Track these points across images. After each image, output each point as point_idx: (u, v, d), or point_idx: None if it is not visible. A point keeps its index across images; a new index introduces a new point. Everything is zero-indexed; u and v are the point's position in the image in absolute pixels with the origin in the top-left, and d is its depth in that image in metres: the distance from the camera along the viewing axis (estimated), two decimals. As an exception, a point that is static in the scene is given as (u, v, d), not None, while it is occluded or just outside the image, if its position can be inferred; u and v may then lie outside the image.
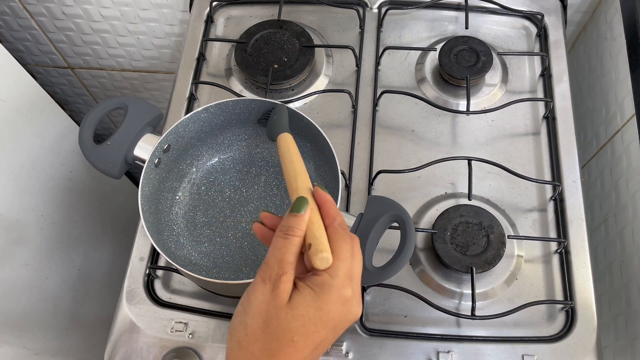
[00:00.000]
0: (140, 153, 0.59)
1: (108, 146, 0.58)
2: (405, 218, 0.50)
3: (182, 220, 0.64)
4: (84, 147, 0.58)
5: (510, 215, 0.66)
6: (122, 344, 0.61)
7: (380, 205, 0.52)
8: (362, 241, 0.51)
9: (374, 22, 0.80)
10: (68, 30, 1.04)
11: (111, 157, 0.58)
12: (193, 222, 0.64)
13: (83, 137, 0.58)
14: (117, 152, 0.58)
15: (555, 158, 0.69)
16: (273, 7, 0.81)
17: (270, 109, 0.61)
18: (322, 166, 0.64)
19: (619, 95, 0.75)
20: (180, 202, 0.65)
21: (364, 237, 0.51)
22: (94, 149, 0.58)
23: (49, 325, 1.01)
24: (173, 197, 0.65)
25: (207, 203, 0.65)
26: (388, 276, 0.49)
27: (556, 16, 0.78)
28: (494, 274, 0.63)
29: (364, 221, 0.52)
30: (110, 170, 0.58)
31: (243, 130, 0.66)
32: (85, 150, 0.58)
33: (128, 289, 0.63)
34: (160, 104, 1.25)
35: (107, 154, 0.58)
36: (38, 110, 0.95)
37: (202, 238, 0.63)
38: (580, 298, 0.61)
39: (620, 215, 0.72)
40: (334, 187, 0.57)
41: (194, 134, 0.62)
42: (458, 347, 0.59)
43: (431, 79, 0.75)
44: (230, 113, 0.62)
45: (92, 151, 0.58)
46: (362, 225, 0.52)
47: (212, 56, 0.79)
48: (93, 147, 0.58)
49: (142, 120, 0.59)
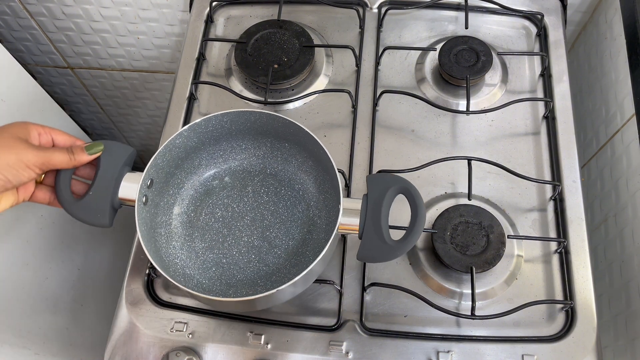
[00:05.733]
0: (125, 194, 0.56)
1: (91, 197, 0.55)
2: (410, 188, 0.52)
3: (181, 252, 0.62)
4: (66, 205, 0.55)
5: (510, 215, 0.66)
6: (122, 343, 0.61)
7: (381, 182, 0.53)
8: (375, 220, 0.52)
9: (374, 22, 0.80)
10: (68, 30, 1.04)
11: (97, 207, 0.55)
12: (193, 250, 0.62)
13: (62, 196, 0.55)
14: (101, 201, 0.55)
15: (555, 158, 0.69)
16: (273, 7, 0.81)
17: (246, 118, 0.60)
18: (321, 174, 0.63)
19: (619, 95, 0.75)
20: (175, 234, 0.63)
21: (376, 216, 0.52)
22: (76, 204, 0.55)
23: (49, 325, 1.01)
24: (167, 231, 0.62)
25: (201, 228, 0.63)
26: (408, 247, 0.51)
27: (556, 16, 0.78)
28: (493, 273, 0.63)
29: (370, 201, 0.52)
30: (100, 221, 0.55)
31: (217, 147, 0.64)
32: (68, 207, 0.55)
33: (128, 289, 0.63)
34: (161, 104, 1.25)
35: (92, 206, 0.55)
36: (38, 110, 0.95)
37: (208, 264, 0.61)
38: (580, 298, 0.61)
39: (620, 215, 0.72)
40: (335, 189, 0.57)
41: (172, 162, 0.60)
42: (458, 347, 0.59)
43: (431, 79, 0.75)
44: (202, 133, 0.60)
45: (75, 206, 0.55)
46: (370, 205, 0.52)
47: (212, 56, 0.79)
48: (75, 202, 0.55)
49: (117, 161, 0.57)
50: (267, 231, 0.63)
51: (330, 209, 0.62)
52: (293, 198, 0.64)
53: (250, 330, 0.60)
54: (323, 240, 0.60)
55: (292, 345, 0.59)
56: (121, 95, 1.24)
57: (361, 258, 0.53)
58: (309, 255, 0.61)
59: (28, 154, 0.50)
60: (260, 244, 0.62)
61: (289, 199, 0.64)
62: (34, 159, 0.51)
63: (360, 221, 0.53)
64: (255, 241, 0.62)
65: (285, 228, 0.63)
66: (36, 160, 0.51)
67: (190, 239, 0.63)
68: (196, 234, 0.63)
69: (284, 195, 0.65)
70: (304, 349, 0.59)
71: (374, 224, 0.52)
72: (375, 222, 0.52)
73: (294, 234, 0.62)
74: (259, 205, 0.64)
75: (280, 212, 0.64)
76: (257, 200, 0.65)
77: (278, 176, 0.66)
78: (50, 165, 0.53)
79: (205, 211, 0.64)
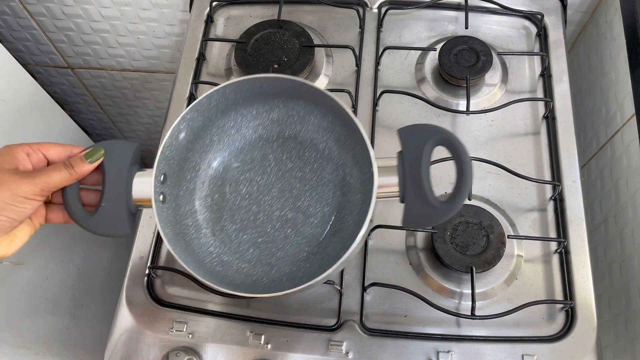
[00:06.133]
0: (140, 196, 0.51)
1: (104, 208, 0.50)
2: (451, 139, 0.46)
3: (213, 238, 0.57)
4: (80, 222, 0.50)
5: (510, 215, 0.66)
6: (122, 343, 0.61)
7: (417, 134, 0.47)
8: (415, 179, 0.47)
9: (374, 22, 0.80)
10: (68, 30, 1.04)
11: (113, 218, 0.50)
12: (226, 234, 0.58)
13: (74, 213, 0.50)
14: (117, 210, 0.50)
15: (555, 158, 0.69)
16: (273, 7, 0.81)
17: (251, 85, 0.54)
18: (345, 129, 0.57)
19: (619, 95, 0.75)
20: (203, 221, 0.58)
21: (416, 175, 0.46)
22: (91, 219, 0.50)
23: (49, 325, 1.01)
24: (194, 220, 0.58)
25: (229, 209, 0.59)
26: (456, 208, 0.46)
27: (556, 16, 0.78)
28: (493, 273, 0.63)
29: (407, 159, 0.46)
30: (120, 231, 0.50)
31: (226, 119, 0.58)
32: (83, 224, 0.50)
33: (128, 288, 0.63)
34: (161, 104, 1.25)
35: (108, 217, 0.50)
36: (38, 110, 0.95)
37: (243, 245, 0.57)
38: (580, 298, 0.61)
39: (620, 215, 0.72)
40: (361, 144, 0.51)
41: (181, 148, 0.55)
42: (458, 347, 0.59)
43: (431, 79, 0.75)
44: (206, 110, 0.55)
45: (90, 221, 0.50)
46: (407, 163, 0.46)
47: (212, 56, 0.79)
48: (89, 216, 0.50)
49: (123, 162, 0.51)
50: (298, 201, 0.58)
51: (361, 165, 0.56)
52: (319, 159, 0.59)
53: (250, 330, 0.60)
54: (360, 202, 0.55)
55: (292, 345, 0.59)
56: (121, 95, 1.24)
57: (407, 224, 0.48)
58: (348, 219, 0.56)
59: (22, 186, 0.45)
60: (294, 216, 0.58)
61: (315, 161, 0.59)
62: (30, 188, 0.46)
63: (399, 182, 0.48)
64: (288, 213, 0.58)
65: (317, 194, 0.58)
66: (33, 189, 0.46)
67: (219, 222, 0.58)
68: (225, 216, 0.58)
69: (308, 158, 0.59)
70: (304, 349, 0.59)
71: (414, 184, 0.47)
72: (416, 182, 0.47)
73: (327, 199, 0.58)
74: (284, 173, 0.59)
75: (308, 177, 0.58)
76: (281, 169, 0.59)
77: (298, 138, 0.60)
78: (51, 188, 0.47)
79: (229, 190, 0.59)
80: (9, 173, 0.46)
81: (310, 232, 0.57)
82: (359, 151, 0.55)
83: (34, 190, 0.46)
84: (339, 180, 0.58)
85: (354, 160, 0.57)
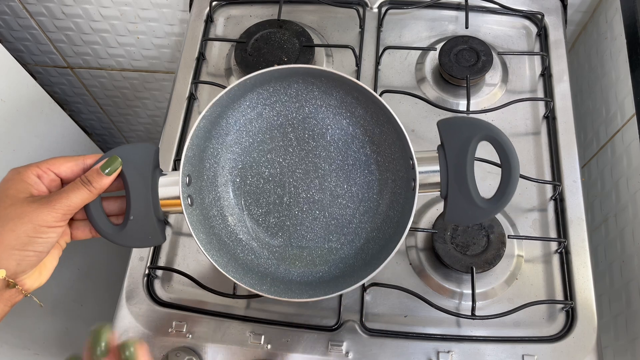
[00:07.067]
0: (168, 202, 0.48)
1: (133, 221, 0.47)
2: (498, 136, 0.44)
3: (241, 225, 0.55)
4: (110, 237, 0.48)
5: (510, 215, 0.66)
6: (122, 344, 0.61)
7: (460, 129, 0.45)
8: (460, 176, 0.45)
9: (374, 21, 0.79)
10: (68, 30, 1.04)
11: (144, 229, 0.48)
12: (254, 219, 0.56)
13: (101, 229, 0.48)
14: (146, 221, 0.47)
15: (556, 158, 0.69)
16: (273, 6, 0.81)
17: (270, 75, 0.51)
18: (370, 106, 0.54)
19: (619, 95, 0.75)
20: (228, 209, 0.56)
21: (461, 172, 0.44)
22: (121, 233, 0.48)
23: (49, 325, 1.01)
24: (219, 209, 0.55)
25: (253, 193, 0.56)
26: (502, 206, 0.44)
27: (556, 16, 0.78)
28: (494, 273, 0.62)
29: (450, 154, 0.44)
30: (153, 241, 0.48)
31: (242, 100, 0.54)
32: (113, 238, 0.48)
33: (128, 288, 0.63)
34: (160, 104, 1.25)
35: (138, 229, 0.48)
36: (38, 110, 0.95)
37: (272, 229, 0.55)
38: (581, 298, 0.61)
39: (621, 215, 0.72)
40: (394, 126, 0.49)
41: (200, 142, 0.52)
42: (458, 347, 0.59)
43: (431, 79, 0.74)
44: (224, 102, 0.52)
45: (120, 235, 0.48)
46: (451, 158, 0.44)
47: (212, 56, 0.79)
48: (118, 230, 0.48)
49: (144, 167, 0.48)
50: (324, 181, 0.55)
51: (390, 144, 0.53)
52: (344, 136, 0.56)
53: (250, 330, 0.60)
54: (390, 181, 0.54)
55: (292, 345, 0.59)
56: (121, 95, 1.24)
57: (450, 221, 0.47)
58: (377, 199, 0.54)
59: (42, 215, 0.42)
60: (321, 197, 0.55)
61: (339, 138, 0.56)
62: (52, 216, 0.43)
63: (442, 180, 0.46)
64: (315, 195, 0.55)
65: (344, 173, 0.55)
66: (55, 216, 0.43)
67: (246, 208, 0.56)
68: (250, 201, 0.56)
69: (332, 135, 0.56)
70: (304, 349, 0.59)
71: (458, 182, 0.45)
72: (460, 179, 0.45)
73: (355, 179, 0.55)
74: (308, 153, 0.56)
75: (333, 156, 0.56)
76: (304, 148, 0.56)
77: (319, 114, 0.56)
78: (73, 210, 0.44)
79: (251, 173, 0.56)
80: (27, 203, 0.43)
81: (340, 212, 0.55)
82: (387, 129, 0.53)
83: (56, 217, 0.43)
84: (366, 157, 0.55)
85: (382, 137, 0.54)
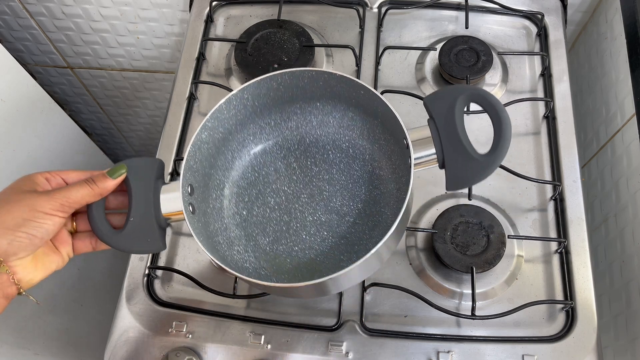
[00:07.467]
0: (169, 209, 0.49)
1: (132, 223, 0.48)
2: (482, 93, 0.45)
3: (247, 255, 0.55)
4: (108, 240, 0.48)
5: (511, 215, 0.66)
6: (122, 344, 0.61)
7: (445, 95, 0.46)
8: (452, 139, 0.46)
9: (374, 21, 0.79)
10: (68, 30, 1.04)
11: (143, 232, 0.48)
12: (261, 250, 0.56)
13: (101, 232, 0.48)
14: (146, 224, 0.48)
15: (556, 158, 0.69)
16: (273, 6, 0.81)
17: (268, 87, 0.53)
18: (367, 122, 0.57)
19: (619, 95, 0.75)
20: (235, 239, 0.56)
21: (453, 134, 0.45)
22: (120, 236, 0.48)
23: (49, 325, 1.01)
24: (225, 238, 0.55)
25: (260, 223, 0.57)
26: (500, 158, 0.45)
27: (556, 16, 0.78)
28: (494, 273, 0.62)
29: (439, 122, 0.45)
30: (152, 246, 0.49)
31: (245, 132, 0.58)
32: (111, 241, 0.48)
33: (128, 288, 0.63)
34: (160, 104, 1.25)
35: (137, 233, 0.48)
36: (38, 110, 0.95)
37: (280, 259, 0.55)
38: (581, 298, 0.61)
39: (621, 215, 0.72)
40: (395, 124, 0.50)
41: (205, 162, 0.54)
42: (458, 347, 0.59)
43: (431, 79, 0.74)
44: (226, 119, 0.54)
45: (119, 238, 0.48)
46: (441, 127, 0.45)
47: (212, 56, 0.79)
48: (117, 234, 0.48)
49: (148, 176, 0.49)
50: (330, 202, 0.57)
51: (389, 155, 0.56)
52: (345, 158, 0.58)
53: (250, 330, 0.60)
54: (395, 190, 0.55)
55: (292, 345, 0.59)
56: (121, 95, 1.24)
57: (453, 186, 0.47)
58: (385, 212, 0.55)
59: (40, 201, 0.44)
60: (328, 218, 0.56)
61: (340, 161, 0.58)
62: (49, 203, 0.44)
63: (436, 148, 0.47)
64: (322, 217, 0.56)
65: (348, 192, 0.57)
66: (53, 204, 0.44)
67: (252, 238, 0.56)
68: (256, 231, 0.57)
69: (333, 159, 0.58)
70: (304, 349, 0.59)
71: (452, 143, 0.46)
72: (453, 141, 0.46)
73: (359, 195, 0.57)
74: (311, 179, 0.58)
75: (336, 178, 0.58)
76: (307, 174, 0.58)
77: (320, 142, 0.59)
78: (72, 203, 0.46)
79: (257, 204, 0.58)
80: (27, 193, 0.45)
81: (348, 230, 0.56)
82: (385, 142, 0.55)
83: (53, 205, 0.44)
84: (368, 174, 0.57)
85: (380, 152, 0.56)
